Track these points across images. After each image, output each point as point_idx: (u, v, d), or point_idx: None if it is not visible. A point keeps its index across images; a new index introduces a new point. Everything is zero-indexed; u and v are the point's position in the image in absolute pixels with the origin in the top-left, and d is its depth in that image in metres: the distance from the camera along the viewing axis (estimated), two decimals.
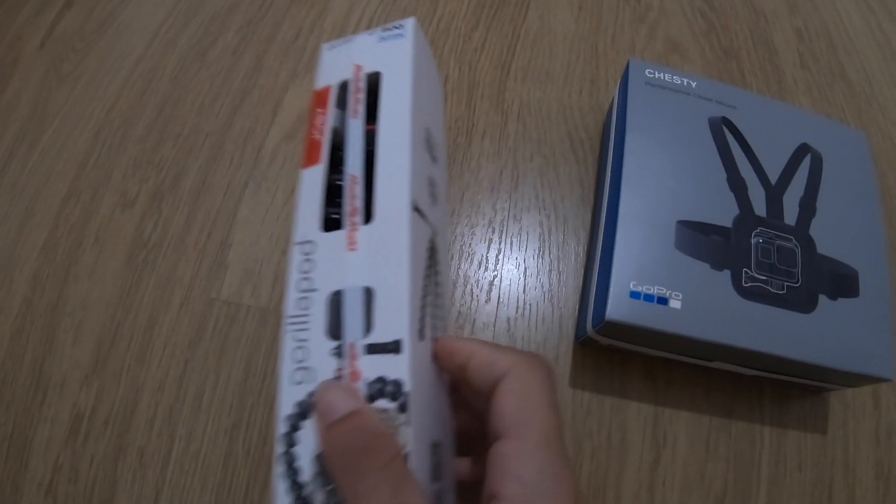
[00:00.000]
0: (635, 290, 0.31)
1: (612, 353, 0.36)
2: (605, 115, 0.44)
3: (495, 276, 0.38)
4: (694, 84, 0.38)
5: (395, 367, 0.22)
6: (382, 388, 0.22)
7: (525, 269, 0.38)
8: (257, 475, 0.32)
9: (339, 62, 0.30)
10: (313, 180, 0.27)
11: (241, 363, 0.34)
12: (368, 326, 0.23)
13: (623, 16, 0.50)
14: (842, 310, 0.33)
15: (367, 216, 0.25)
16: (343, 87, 0.29)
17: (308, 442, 0.22)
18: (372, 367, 0.23)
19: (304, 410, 0.22)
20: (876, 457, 0.35)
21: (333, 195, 0.27)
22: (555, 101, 0.45)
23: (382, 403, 0.22)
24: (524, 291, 0.38)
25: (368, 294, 0.24)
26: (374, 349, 0.23)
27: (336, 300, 0.24)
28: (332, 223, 0.26)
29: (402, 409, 0.22)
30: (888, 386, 0.37)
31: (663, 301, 0.31)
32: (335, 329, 0.23)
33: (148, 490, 0.31)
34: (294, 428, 0.22)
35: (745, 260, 0.33)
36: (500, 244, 0.39)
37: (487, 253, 0.39)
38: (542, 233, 0.39)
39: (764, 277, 0.32)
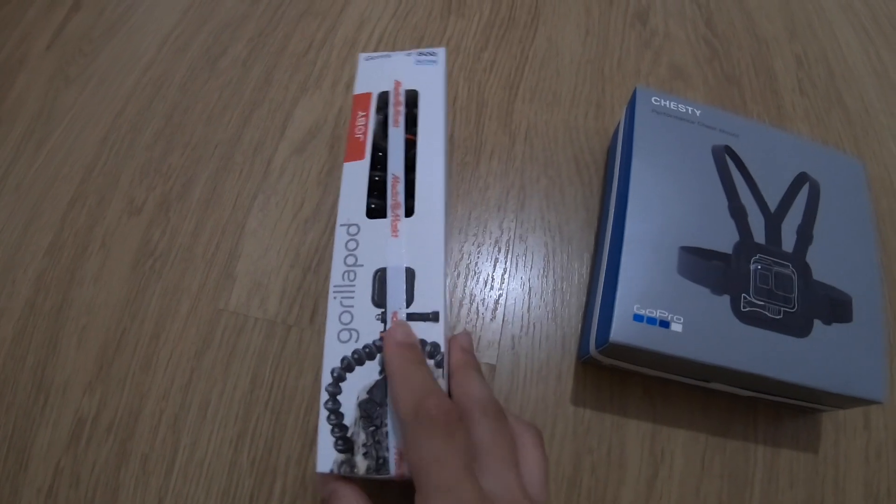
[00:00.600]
0: (638, 314, 0.32)
1: (613, 372, 0.36)
2: (609, 138, 0.45)
3: (500, 295, 0.38)
4: (698, 112, 0.39)
5: (434, 333, 0.28)
6: (423, 348, 0.27)
7: (530, 288, 0.39)
8: (262, 485, 0.32)
9: (378, 73, 0.36)
10: (357, 173, 0.32)
11: (248, 374, 0.34)
12: (410, 299, 0.28)
13: (629, 40, 0.51)
14: (836, 334, 0.33)
15: (407, 210, 0.31)
16: (382, 97, 0.35)
17: (351, 391, 0.27)
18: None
19: (348, 365, 0.27)
20: (865, 476, 0.36)
21: (371, 188, 0.32)
22: (561, 124, 0.45)
23: None
24: (528, 310, 0.38)
25: (410, 273, 0.29)
26: (414, 317, 0.28)
27: (381, 276, 0.29)
28: (372, 212, 0.31)
29: (439, 365, 0.27)
30: (878, 408, 0.38)
31: (665, 324, 0.32)
32: (380, 299, 0.28)
33: (150, 498, 0.31)
34: (339, 379, 0.27)
35: (744, 285, 0.34)
36: (506, 263, 0.40)
37: (493, 272, 0.39)
38: (546, 253, 0.40)
39: (762, 303, 0.33)
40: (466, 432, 0.23)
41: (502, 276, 0.39)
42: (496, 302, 0.38)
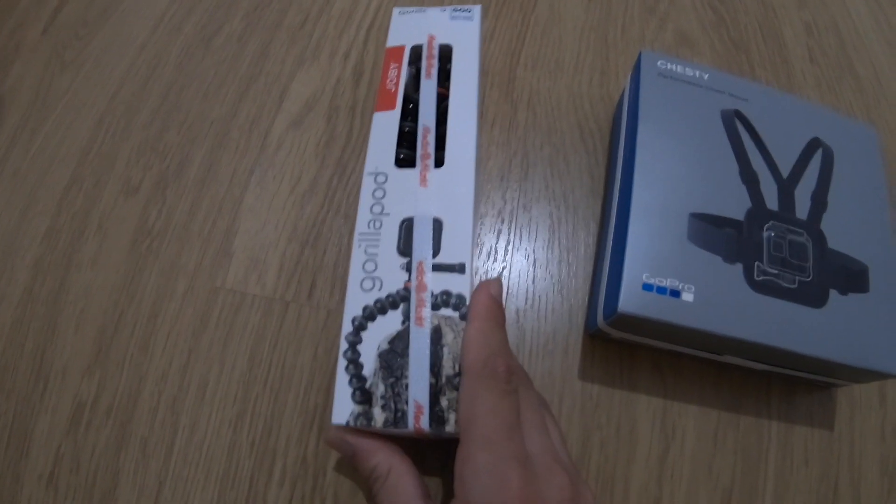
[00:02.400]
0: (648, 283, 0.31)
1: (622, 345, 0.35)
2: (615, 105, 0.44)
3: (504, 267, 0.38)
4: (706, 76, 0.38)
5: (459, 284, 0.27)
6: (447, 299, 0.27)
7: (535, 259, 0.38)
8: (261, 466, 0.31)
9: (411, 27, 0.36)
10: (387, 123, 0.32)
11: (246, 353, 0.34)
12: (437, 249, 0.28)
13: (633, 7, 0.49)
14: (852, 305, 0.32)
15: (437, 162, 0.30)
16: (415, 50, 0.35)
17: (372, 341, 0.26)
18: (437, 282, 0.27)
19: (370, 314, 0.26)
20: (881, 453, 0.35)
21: (400, 138, 0.31)
22: (565, 91, 0.44)
23: (447, 311, 0.27)
24: (533, 282, 0.37)
25: (438, 224, 0.28)
26: (440, 268, 0.27)
27: (408, 225, 0.28)
28: (401, 162, 0.30)
29: (463, 318, 0.26)
30: (894, 383, 0.37)
31: (676, 294, 0.31)
32: (406, 248, 0.28)
33: (151, 480, 0.31)
34: (360, 328, 0.26)
35: (757, 253, 0.32)
36: (509, 234, 0.39)
37: (497, 243, 0.38)
38: (551, 224, 0.39)
39: (776, 271, 0.32)
40: (518, 397, 0.24)
41: (506, 247, 0.38)
42: (500, 274, 0.37)
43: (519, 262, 0.38)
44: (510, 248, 0.38)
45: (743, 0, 0.52)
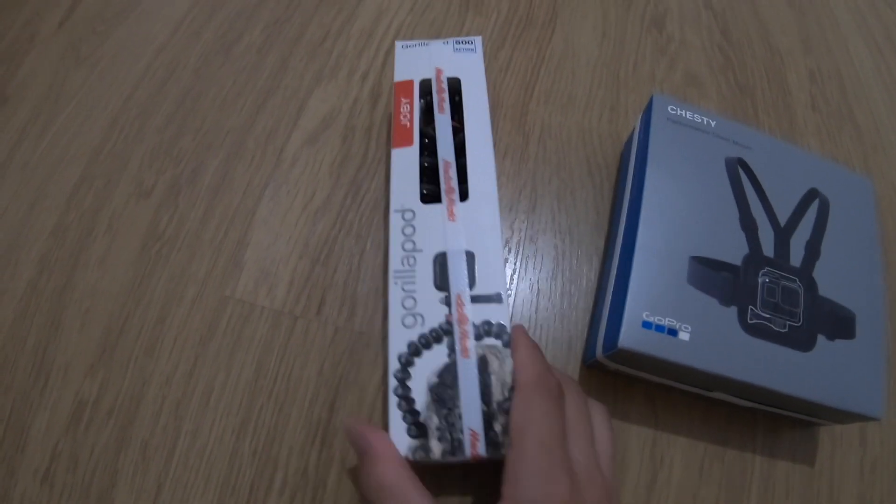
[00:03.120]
0: (647, 320, 0.32)
1: (617, 377, 0.36)
2: (622, 143, 0.45)
3: (509, 295, 0.38)
4: (713, 123, 0.39)
5: (498, 313, 0.28)
6: (489, 328, 0.28)
7: (538, 290, 0.39)
8: (262, 475, 0.32)
9: (416, 61, 0.37)
10: (407, 159, 0.32)
11: (253, 363, 0.34)
12: (472, 281, 0.29)
13: (645, 46, 0.51)
14: (838, 350, 0.34)
15: (461, 195, 0.31)
16: (424, 84, 0.35)
17: (421, 376, 0.27)
18: (477, 313, 0.28)
19: (416, 350, 0.28)
20: (859, 490, 0.36)
21: (420, 174, 0.32)
22: (575, 126, 0.45)
23: (489, 340, 0.28)
24: (536, 311, 0.38)
25: (471, 256, 0.29)
26: (478, 299, 0.28)
27: (441, 260, 0.29)
28: (424, 197, 0.31)
29: (506, 345, 0.28)
30: (875, 424, 0.38)
31: (673, 332, 0.32)
32: (442, 282, 0.29)
33: (149, 483, 0.31)
34: (407, 364, 0.27)
35: (751, 297, 0.34)
36: (515, 263, 0.40)
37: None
38: (556, 256, 0.40)
39: (768, 315, 0.34)
40: (565, 410, 0.26)
41: (511, 276, 0.39)
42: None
43: (523, 291, 0.39)
44: (515, 276, 0.39)
45: (751, 44, 0.53)
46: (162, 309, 0.35)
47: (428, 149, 0.33)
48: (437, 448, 0.25)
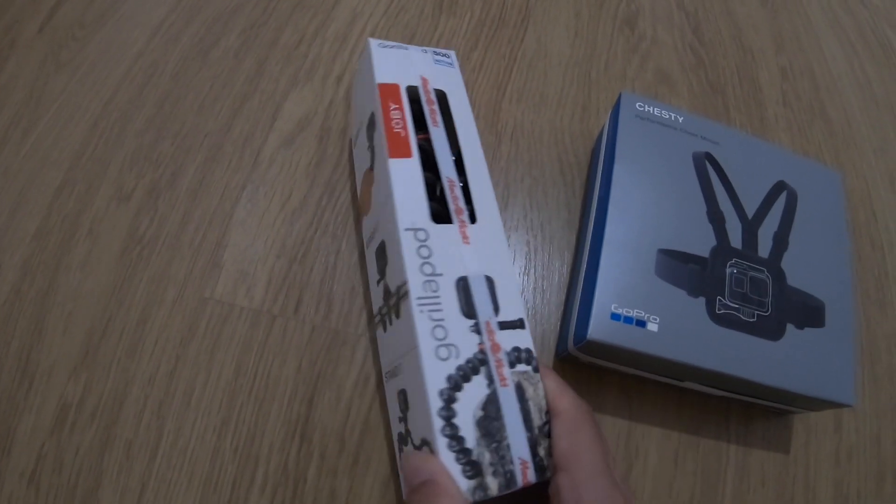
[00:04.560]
0: (616, 312, 0.33)
1: (590, 369, 0.37)
2: (594, 140, 0.46)
3: None
4: (681, 119, 0.40)
5: (524, 339, 0.28)
6: (519, 355, 0.27)
7: None
8: (244, 472, 0.32)
9: (398, 65, 0.35)
10: (409, 172, 0.31)
11: (233, 363, 0.35)
12: (496, 307, 0.28)
13: (616, 44, 0.51)
14: (808, 339, 0.35)
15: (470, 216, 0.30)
16: (411, 91, 0.34)
17: (467, 410, 0.26)
18: (506, 340, 0.28)
19: (456, 384, 0.26)
20: (835, 477, 0.37)
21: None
22: (547, 125, 0.46)
23: (521, 367, 0.27)
24: None
25: (490, 281, 0.28)
26: (504, 325, 0.28)
27: (464, 285, 0.28)
28: (434, 216, 0.30)
29: (536, 370, 0.27)
30: (849, 411, 0.39)
31: (641, 324, 0.33)
32: (469, 309, 0.28)
33: (133, 483, 0.32)
34: (450, 400, 0.26)
35: (719, 288, 0.35)
36: None
37: None
38: (528, 252, 0.41)
39: (736, 306, 0.34)
40: None
41: None
42: None
43: None
44: None
45: (723, 43, 0.54)
46: (143, 311, 0.36)
47: (425, 163, 0.31)
48: (493, 484, 0.25)
